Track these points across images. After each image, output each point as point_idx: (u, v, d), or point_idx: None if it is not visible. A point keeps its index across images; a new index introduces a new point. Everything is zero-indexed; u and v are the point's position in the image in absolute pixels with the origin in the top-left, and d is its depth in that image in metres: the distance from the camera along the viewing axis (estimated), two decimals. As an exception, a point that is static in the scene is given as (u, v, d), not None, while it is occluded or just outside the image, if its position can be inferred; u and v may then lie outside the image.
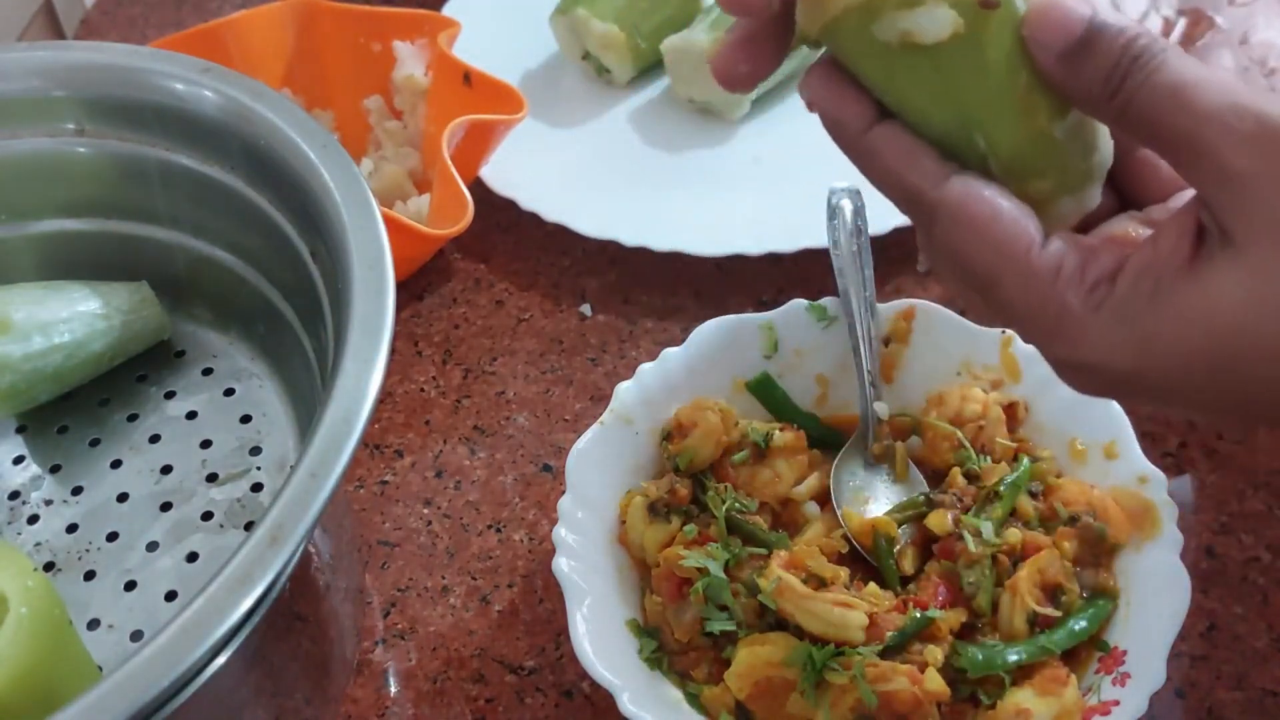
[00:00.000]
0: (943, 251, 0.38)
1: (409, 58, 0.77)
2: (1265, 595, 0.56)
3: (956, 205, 0.37)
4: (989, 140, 0.36)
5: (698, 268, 0.73)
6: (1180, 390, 0.36)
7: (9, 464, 0.61)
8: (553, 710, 0.55)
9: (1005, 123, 0.36)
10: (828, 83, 0.39)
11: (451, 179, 0.67)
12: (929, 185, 0.37)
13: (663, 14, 0.82)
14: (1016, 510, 0.53)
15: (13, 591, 0.45)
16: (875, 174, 0.39)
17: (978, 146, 0.37)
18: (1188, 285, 0.34)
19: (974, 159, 0.37)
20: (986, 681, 0.49)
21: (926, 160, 0.37)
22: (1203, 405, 0.37)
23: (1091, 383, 0.38)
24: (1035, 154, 0.37)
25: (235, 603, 0.39)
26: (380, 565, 0.61)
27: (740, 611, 0.51)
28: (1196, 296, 0.34)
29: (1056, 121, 0.36)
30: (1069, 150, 0.37)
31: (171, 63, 0.59)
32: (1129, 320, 0.35)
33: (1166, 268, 0.35)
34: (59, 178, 0.62)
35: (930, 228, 0.38)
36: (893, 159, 0.38)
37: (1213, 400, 0.36)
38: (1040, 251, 0.36)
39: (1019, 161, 0.37)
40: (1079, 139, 0.37)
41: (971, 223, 0.36)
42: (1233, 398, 0.36)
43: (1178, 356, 0.35)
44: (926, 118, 0.37)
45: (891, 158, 0.38)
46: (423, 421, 0.67)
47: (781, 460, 0.56)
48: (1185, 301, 0.34)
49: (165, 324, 0.64)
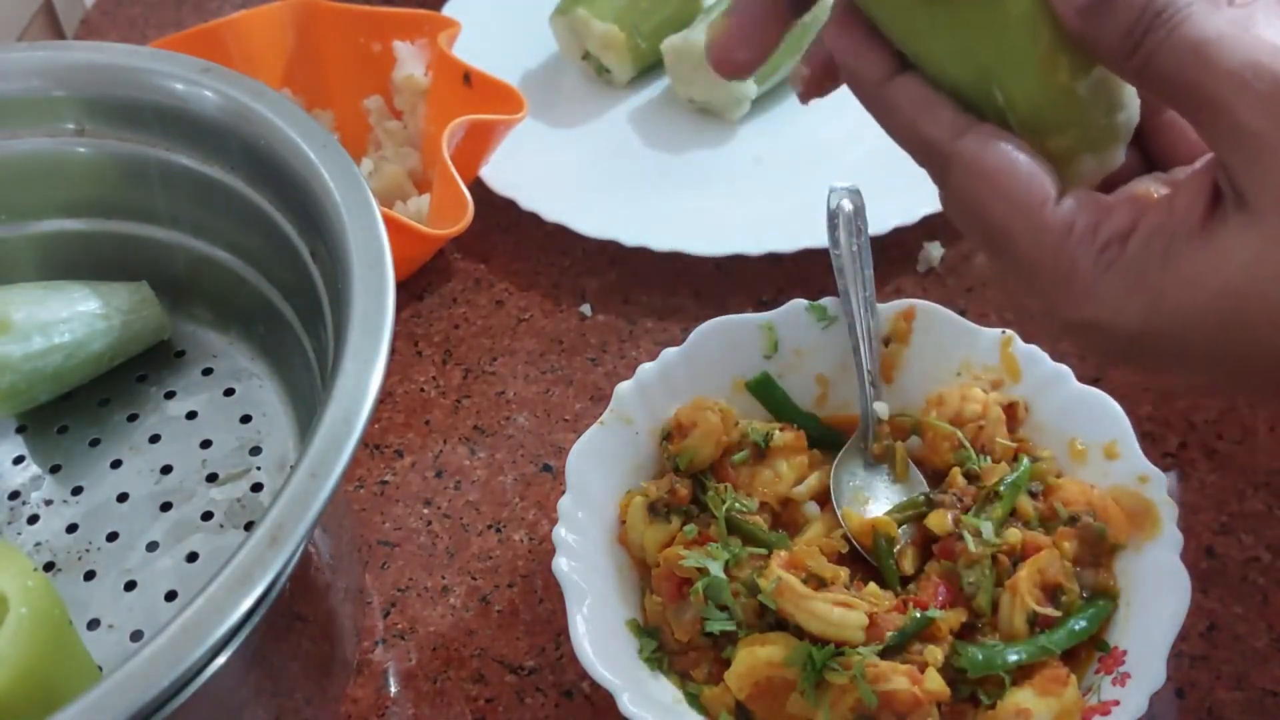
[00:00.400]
0: (957, 204, 0.38)
1: (409, 58, 0.77)
2: (1265, 595, 0.56)
3: (971, 157, 0.36)
4: (1006, 95, 0.36)
5: (698, 268, 0.73)
6: (1185, 353, 0.35)
7: (9, 464, 0.61)
8: (553, 710, 0.55)
9: (1025, 77, 0.36)
10: (848, 32, 0.38)
11: (451, 179, 0.67)
12: (946, 136, 0.37)
13: (663, 14, 0.82)
14: (1016, 510, 0.53)
15: (13, 591, 0.45)
16: (892, 125, 0.39)
17: (995, 100, 0.36)
18: (1199, 247, 0.34)
19: (992, 113, 0.37)
20: (986, 681, 0.49)
21: (944, 112, 0.37)
22: (1206, 369, 0.36)
23: (1098, 344, 0.37)
24: (1054, 109, 0.36)
25: (235, 603, 0.39)
26: (380, 565, 0.61)
27: (740, 611, 0.51)
28: (1207, 258, 0.34)
29: (1079, 78, 0.36)
30: (1091, 107, 0.36)
31: (171, 63, 0.59)
32: (1138, 280, 0.35)
33: (1180, 229, 0.34)
34: (59, 178, 0.62)
35: (945, 180, 0.38)
36: (910, 110, 0.37)
37: (1216, 365, 0.36)
38: (1054, 208, 0.36)
39: (1037, 117, 0.36)
40: (1102, 96, 0.36)
41: (985, 175, 0.36)
42: (1236, 363, 0.35)
43: (1185, 317, 0.34)
44: (946, 70, 0.37)
45: (909, 109, 0.38)
46: (423, 421, 0.67)
47: (781, 460, 0.56)
48: (1195, 263, 0.34)
49: (165, 324, 0.64)
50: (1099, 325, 0.36)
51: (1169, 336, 0.35)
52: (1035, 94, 0.36)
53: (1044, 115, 0.36)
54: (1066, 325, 0.37)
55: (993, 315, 0.69)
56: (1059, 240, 0.36)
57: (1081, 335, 0.37)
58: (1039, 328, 0.61)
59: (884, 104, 0.38)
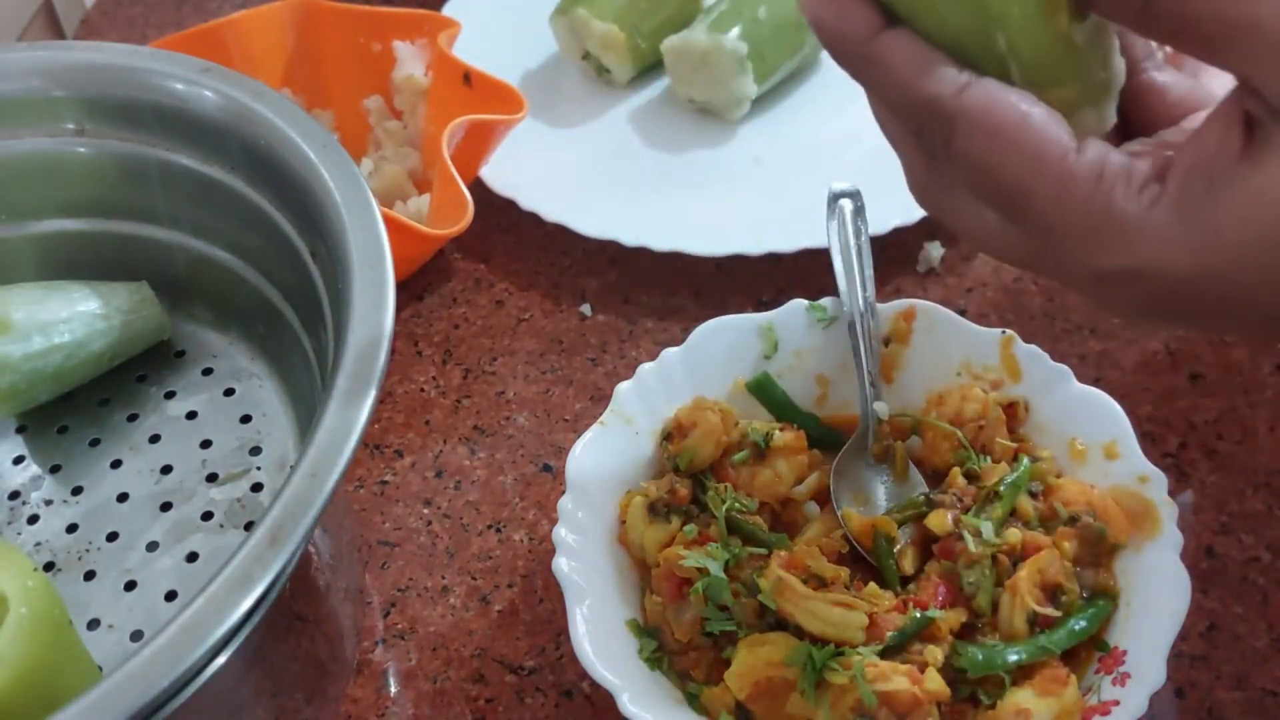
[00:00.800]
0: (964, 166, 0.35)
1: (409, 58, 0.77)
2: (1265, 595, 0.56)
3: (980, 111, 0.34)
4: (1010, 41, 0.34)
5: (698, 268, 0.73)
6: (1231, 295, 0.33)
7: (9, 464, 0.61)
8: (553, 710, 0.55)
9: (1029, 21, 0.34)
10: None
11: (451, 179, 0.67)
12: (948, 92, 0.34)
13: (663, 14, 0.82)
14: (1016, 510, 0.53)
15: (13, 591, 0.45)
16: (883, 86, 0.36)
17: (998, 49, 0.34)
18: (1246, 175, 0.32)
19: (992, 67, 0.35)
20: (986, 681, 0.49)
21: (944, 67, 0.34)
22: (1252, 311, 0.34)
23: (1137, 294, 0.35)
24: (1057, 58, 0.34)
25: (235, 603, 0.39)
26: (380, 565, 0.61)
27: (740, 611, 0.51)
28: (1259, 182, 0.32)
29: (1076, 24, 0.34)
30: (1089, 58, 0.35)
31: (171, 63, 0.59)
32: (1187, 216, 0.33)
33: (1219, 161, 0.32)
34: (59, 178, 0.62)
35: (949, 141, 0.35)
36: (903, 67, 0.34)
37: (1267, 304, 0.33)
38: (1076, 157, 0.33)
39: (1042, 65, 0.34)
40: (1097, 47, 0.35)
41: (999, 130, 0.34)
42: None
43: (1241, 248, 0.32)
44: (944, 18, 0.34)
45: (902, 65, 0.34)
46: (423, 421, 0.67)
47: (781, 460, 0.56)
48: (1246, 189, 0.32)
49: (165, 324, 0.64)
50: (1142, 271, 0.34)
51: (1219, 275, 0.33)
52: (1040, 40, 0.34)
53: (1048, 63, 0.34)
54: (1102, 278, 0.35)
55: (993, 315, 0.69)
56: (1089, 188, 0.33)
57: (1120, 287, 0.35)
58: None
59: (872, 62, 0.35)
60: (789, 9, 0.79)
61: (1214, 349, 0.65)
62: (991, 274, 0.71)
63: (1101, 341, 0.66)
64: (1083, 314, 0.68)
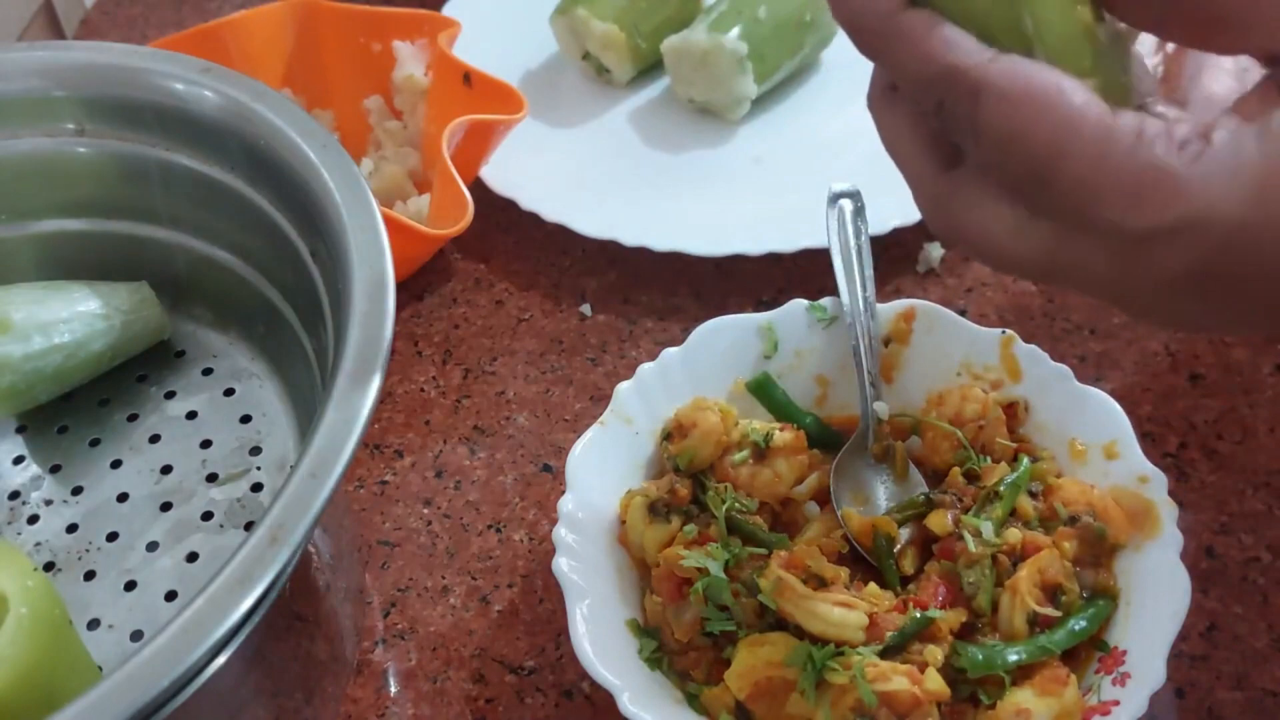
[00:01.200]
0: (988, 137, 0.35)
1: (409, 58, 0.77)
2: (1265, 595, 0.56)
3: (1009, 79, 0.34)
4: (1037, 22, 0.34)
5: (698, 268, 0.73)
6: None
7: (9, 464, 0.61)
8: (553, 710, 0.55)
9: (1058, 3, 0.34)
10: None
11: (451, 179, 0.67)
12: (975, 62, 0.34)
13: (663, 14, 0.82)
14: (1016, 510, 0.53)
15: (13, 591, 0.45)
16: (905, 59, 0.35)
17: (1024, 29, 0.35)
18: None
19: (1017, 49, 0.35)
20: (986, 681, 0.49)
21: (968, 41, 0.34)
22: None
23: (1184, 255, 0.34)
24: (1083, 46, 0.35)
25: (235, 603, 0.39)
26: (380, 565, 0.61)
27: (740, 611, 0.51)
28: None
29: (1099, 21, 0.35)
30: (1110, 55, 0.35)
31: (171, 63, 0.59)
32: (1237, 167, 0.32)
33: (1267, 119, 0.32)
34: (59, 178, 0.62)
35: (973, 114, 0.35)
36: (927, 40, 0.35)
37: None
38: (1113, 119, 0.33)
39: (1069, 49, 0.35)
40: (1118, 51, 0.36)
41: (1030, 97, 0.33)
42: None
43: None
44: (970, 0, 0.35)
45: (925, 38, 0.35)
46: (423, 421, 0.67)
47: (781, 460, 0.56)
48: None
49: (165, 324, 0.64)
50: (1193, 222, 0.33)
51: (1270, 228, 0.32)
52: (1067, 25, 0.35)
53: (1074, 49, 0.35)
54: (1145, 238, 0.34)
55: (993, 315, 0.69)
56: (1129, 145, 0.33)
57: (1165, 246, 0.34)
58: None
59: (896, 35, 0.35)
60: (789, 9, 0.79)
61: (1214, 349, 0.65)
62: (991, 274, 0.71)
63: (1101, 342, 0.66)
64: (1083, 314, 0.68)
